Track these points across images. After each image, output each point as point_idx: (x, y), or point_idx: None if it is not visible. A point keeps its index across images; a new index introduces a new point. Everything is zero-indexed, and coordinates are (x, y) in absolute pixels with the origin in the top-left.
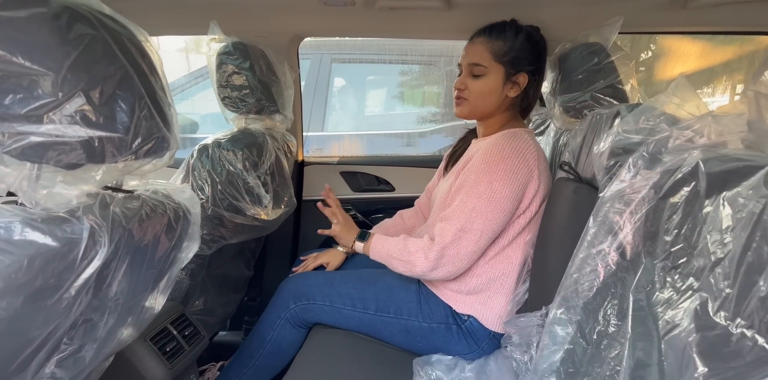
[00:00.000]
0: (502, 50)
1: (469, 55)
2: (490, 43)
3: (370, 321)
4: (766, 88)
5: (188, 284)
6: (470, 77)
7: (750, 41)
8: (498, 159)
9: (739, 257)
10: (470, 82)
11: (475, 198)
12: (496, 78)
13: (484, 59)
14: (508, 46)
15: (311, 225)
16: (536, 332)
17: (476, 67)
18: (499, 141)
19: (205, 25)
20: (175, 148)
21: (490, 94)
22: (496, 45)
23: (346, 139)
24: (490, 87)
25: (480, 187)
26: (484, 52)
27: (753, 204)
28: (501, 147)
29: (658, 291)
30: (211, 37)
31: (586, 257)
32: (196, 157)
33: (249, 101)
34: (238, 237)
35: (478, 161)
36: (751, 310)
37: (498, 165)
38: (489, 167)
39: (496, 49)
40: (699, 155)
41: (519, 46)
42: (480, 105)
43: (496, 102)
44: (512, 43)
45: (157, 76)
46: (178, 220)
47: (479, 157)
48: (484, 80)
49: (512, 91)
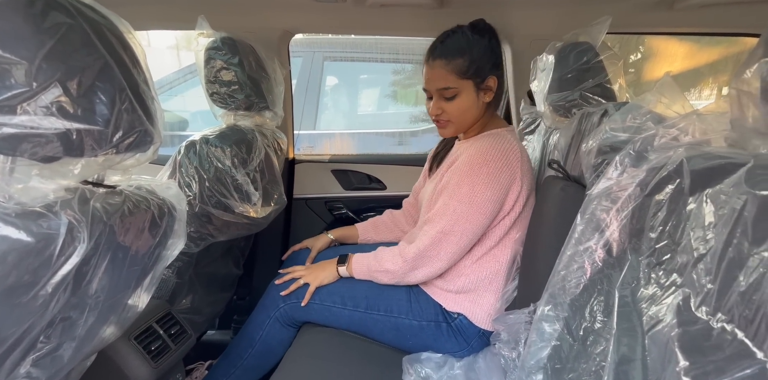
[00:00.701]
0: (464, 66)
1: (434, 81)
2: (450, 65)
3: (360, 319)
4: (748, 86)
5: (175, 282)
6: (443, 100)
7: (735, 43)
8: (482, 162)
9: (720, 253)
10: (445, 105)
11: (456, 201)
12: (468, 93)
13: (450, 81)
14: (468, 60)
15: (302, 223)
16: (524, 329)
17: (446, 90)
18: (483, 143)
19: (192, 20)
20: (159, 143)
21: (469, 109)
22: (456, 64)
23: (338, 138)
24: (467, 103)
25: (462, 190)
26: (447, 74)
27: (734, 200)
28: (485, 150)
29: (643, 287)
30: (198, 31)
31: (574, 254)
32: (183, 154)
33: (238, 97)
34: (227, 234)
35: (462, 164)
36: (731, 305)
37: (481, 168)
38: (472, 170)
39: (458, 68)
40: (683, 153)
41: (477, 56)
42: (463, 121)
43: (477, 113)
44: (471, 57)
45: (139, 68)
46: (163, 217)
47: (464, 159)
48: (459, 100)
49: (486, 96)
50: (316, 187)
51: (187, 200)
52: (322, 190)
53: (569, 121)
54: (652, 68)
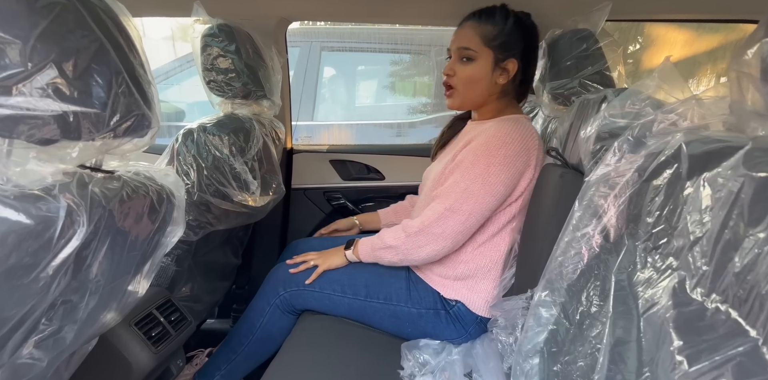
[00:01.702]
0: (492, 34)
1: (459, 39)
2: (480, 27)
3: (360, 307)
4: (748, 67)
5: (174, 270)
6: (459, 62)
7: (734, 29)
8: (500, 143)
9: (716, 235)
10: (459, 67)
11: (469, 179)
12: (485, 63)
13: (473, 43)
14: (497, 29)
15: (300, 213)
16: (521, 314)
17: (465, 50)
18: (503, 125)
19: (188, 7)
20: (157, 128)
21: (479, 80)
22: (486, 29)
23: (336, 129)
24: (479, 72)
25: (476, 170)
26: (473, 36)
27: (731, 183)
28: (506, 131)
29: (639, 271)
30: (195, 18)
31: (571, 240)
32: (180, 142)
33: (235, 85)
34: (225, 223)
35: (479, 144)
36: (725, 285)
37: (499, 149)
38: (489, 151)
39: (486, 33)
40: (681, 138)
41: (509, 31)
42: (470, 93)
43: (485, 89)
44: (502, 27)
45: (135, 52)
46: (162, 203)
47: (481, 140)
48: (473, 65)
49: (501, 77)
50: (314, 177)
51: (185, 188)
52: (320, 180)
53: (568, 108)
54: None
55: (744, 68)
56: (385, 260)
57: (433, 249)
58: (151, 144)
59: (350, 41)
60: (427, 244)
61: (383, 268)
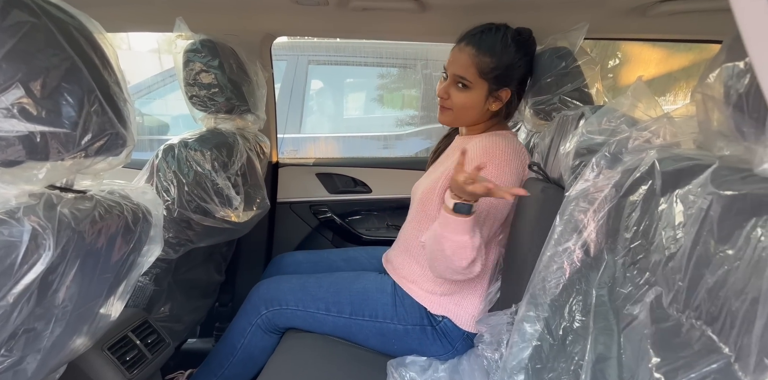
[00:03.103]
0: (489, 67)
1: (455, 65)
2: (477, 58)
3: (345, 324)
4: (711, 90)
5: (152, 290)
6: (454, 86)
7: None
8: (504, 161)
9: (689, 251)
10: (454, 92)
11: (487, 204)
12: (479, 93)
13: (469, 74)
14: (495, 63)
15: (286, 227)
16: (506, 330)
17: (461, 79)
18: (497, 142)
19: (171, 22)
20: (132, 146)
21: (472, 107)
22: (483, 62)
23: (323, 141)
24: (473, 101)
25: None
26: (470, 66)
27: (701, 200)
28: (503, 148)
29: (619, 286)
30: (177, 34)
31: (553, 255)
32: (161, 157)
33: (218, 100)
34: (207, 240)
35: (478, 161)
36: (699, 301)
37: (504, 168)
38: (498, 170)
39: (483, 66)
40: (655, 155)
41: (506, 64)
42: (462, 116)
43: (477, 114)
44: (499, 61)
45: (110, 69)
46: (137, 222)
47: (480, 158)
48: (468, 93)
49: (494, 105)
50: (300, 191)
51: (165, 205)
52: (306, 193)
53: (549, 124)
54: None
55: (708, 91)
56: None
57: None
58: (126, 162)
59: (336, 55)
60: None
61: (369, 284)
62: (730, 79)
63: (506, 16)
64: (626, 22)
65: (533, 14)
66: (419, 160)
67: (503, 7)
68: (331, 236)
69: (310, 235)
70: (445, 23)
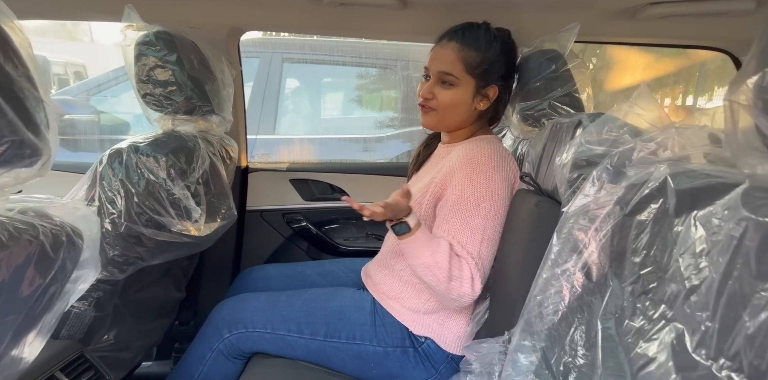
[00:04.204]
0: (475, 62)
1: (439, 62)
2: (463, 52)
3: (319, 348)
4: (747, 99)
5: (93, 316)
6: (439, 85)
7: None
8: (492, 169)
9: (718, 286)
10: (439, 91)
11: (482, 219)
12: (466, 90)
13: (455, 69)
14: (480, 57)
15: (256, 237)
16: (498, 360)
17: (446, 76)
18: (482, 148)
19: (119, 11)
20: (49, 156)
21: (459, 106)
22: (469, 55)
23: (297, 144)
24: (460, 99)
25: (484, 205)
26: (455, 61)
27: (731, 226)
28: (488, 155)
29: (628, 318)
30: (126, 24)
31: (550, 277)
32: (105, 164)
33: (176, 99)
34: (162, 256)
35: (467, 172)
36: (736, 349)
37: (493, 176)
38: (486, 179)
39: (469, 60)
40: (666, 170)
41: (492, 58)
42: (448, 117)
43: (464, 114)
44: (485, 55)
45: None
46: (59, 247)
47: (466, 167)
48: (454, 91)
49: (481, 104)
50: (272, 198)
51: (110, 218)
52: (279, 200)
53: (539, 131)
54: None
55: (742, 99)
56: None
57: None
58: (41, 175)
59: (313, 53)
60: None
61: (346, 302)
62: None
63: (490, 16)
64: (614, 25)
65: (517, 15)
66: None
67: (486, 7)
68: (306, 246)
69: (283, 246)
70: (426, 22)
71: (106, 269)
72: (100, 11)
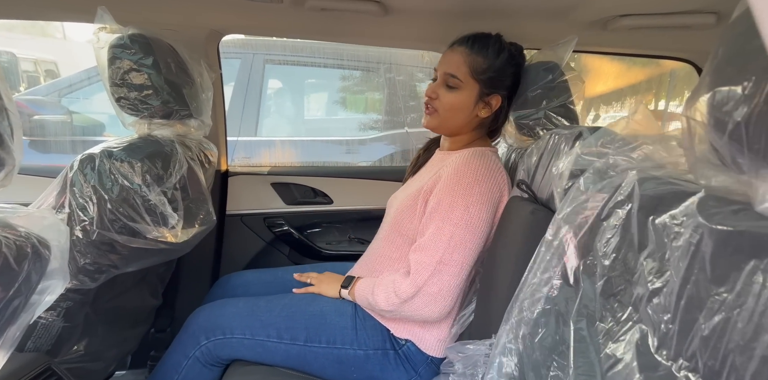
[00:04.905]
0: (481, 68)
1: (446, 64)
2: (471, 57)
3: (299, 353)
4: (701, 115)
5: (61, 327)
6: (444, 87)
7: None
8: (473, 181)
9: (678, 290)
10: (443, 92)
11: (452, 225)
12: (469, 94)
13: (460, 72)
14: (487, 64)
15: (236, 242)
16: (483, 362)
17: (451, 78)
18: (471, 160)
19: (92, 11)
20: (13, 166)
21: (461, 109)
22: (476, 61)
23: (280, 145)
24: (462, 102)
25: (456, 213)
26: (461, 64)
27: (689, 233)
28: (474, 167)
29: (599, 320)
30: (99, 26)
31: (535, 282)
32: (77, 170)
33: (152, 103)
34: (137, 264)
35: (450, 182)
36: (693, 350)
37: (473, 187)
38: (464, 190)
39: (475, 65)
40: (635, 176)
41: (499, 66)
42: (449, 119)
43: (465, 119)
44: (492, 62)
45: None
46: (23, 259)
47: (450, 177)
48: (457, 94)
49: (483, 111)
50: (253, 202)
51: (81, 226)
52: (260, 205)
53: (536, 141)
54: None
55: (697, 115)
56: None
57: (433, 310)
58: (3, 185)
59: (294, 55)
60: (426, 306)
61: (327, 306)
62: (725, 104)
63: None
64: (588, 35)
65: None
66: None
67: (468, 15)
68: (287, 251)
69: (264, 251)
70: (408, 29)
71: (77, 278)
72: (72, 11)
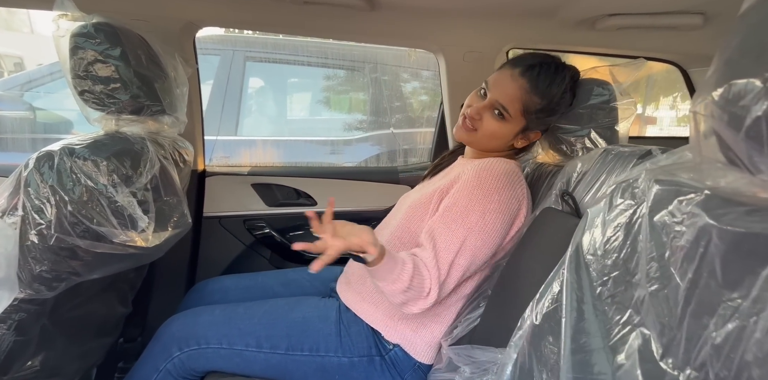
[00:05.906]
0: (535, 108)
1: (500, 92)
2: (528, 95)
3: (279, 362)
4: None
5: (12, 342)
6: (490, 112)
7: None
8: (493, 187)
9: (685, 293)
10: (488, 116)
11: (465, 229)
12: (512, 128)
13: (513, 108)
14: (542, 105)
15: (214, 245)
16: (494, 371)
17: (502, 109)
18: (494, 167)
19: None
20: None
21: (500, 138)
22: (533, 101)
23: (261, 145)
24: (504, 134)
25: (471, 218)
26: (516, 100)
27: (694, 234)
28: (497, 174)
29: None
30: (59, 13)
31: (556, 292)
32: (32, 168)
33: (120, 98)
34: (102, 270)
35: (469, 185)
36: (703, 360)
37: (492, 195)
38: (483, 196)
39: (530, 105)
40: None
41: (551, 107)
42: (484, 143)
43: (500, 146)
44: (548, 104)
45: None
46: None
47: (470, 180)
48: (502, 125)
49: (520, 142)
50: (232, 204)
51: (36, 229)
52: (239, 206)
53: (588, 155)
54: None
55: (707, 112)
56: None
57: (420, 308)
58: None
59: (276, 52)
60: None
61: (310, 311)
62: (741, 98)
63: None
64: (576, 34)
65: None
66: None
67: (455, 13)
68: (269, 255)
69: (244, 254)
70: (394, 25)
71: (31, 287)
72: None
